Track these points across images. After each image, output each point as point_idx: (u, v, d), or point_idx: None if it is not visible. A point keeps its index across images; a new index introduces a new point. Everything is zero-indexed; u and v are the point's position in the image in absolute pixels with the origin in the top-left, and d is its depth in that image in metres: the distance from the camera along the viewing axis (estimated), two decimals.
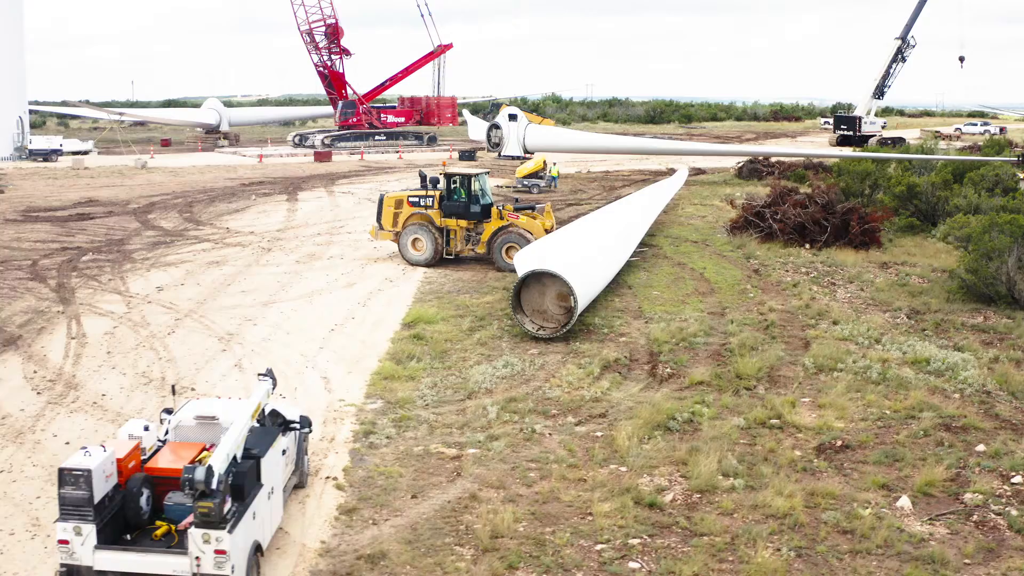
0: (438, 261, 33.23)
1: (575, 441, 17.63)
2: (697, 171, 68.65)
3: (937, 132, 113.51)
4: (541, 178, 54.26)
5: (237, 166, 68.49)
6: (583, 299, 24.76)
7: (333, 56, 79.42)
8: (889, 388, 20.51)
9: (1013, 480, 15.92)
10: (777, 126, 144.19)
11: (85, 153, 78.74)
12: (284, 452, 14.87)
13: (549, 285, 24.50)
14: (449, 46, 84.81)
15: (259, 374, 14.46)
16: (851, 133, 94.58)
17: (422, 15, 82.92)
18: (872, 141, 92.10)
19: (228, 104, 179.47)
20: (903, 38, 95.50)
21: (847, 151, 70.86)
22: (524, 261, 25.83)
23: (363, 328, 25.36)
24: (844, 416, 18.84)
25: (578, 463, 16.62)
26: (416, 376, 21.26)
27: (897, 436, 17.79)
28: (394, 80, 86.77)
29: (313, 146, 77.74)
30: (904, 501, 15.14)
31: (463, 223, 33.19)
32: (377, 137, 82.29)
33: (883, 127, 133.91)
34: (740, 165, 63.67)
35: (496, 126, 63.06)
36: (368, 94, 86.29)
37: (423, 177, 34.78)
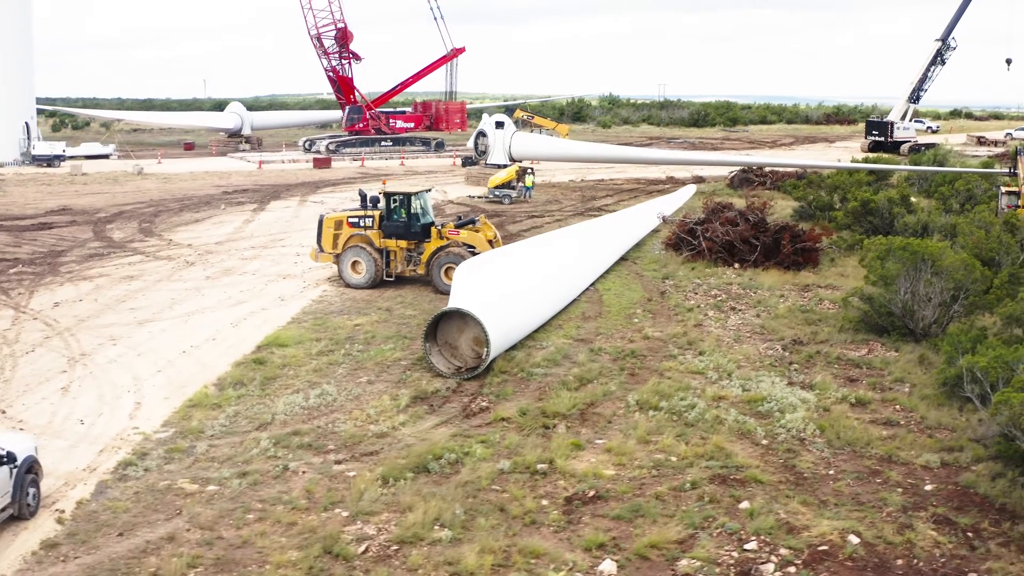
0: (379, 283, 32.24)
1: (323, 481, 17.16)
2: (698, 179, 67.20)
3: (980, 138, 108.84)
4: (513, 188, 53.53)
5: (232, 172, 69.38)
6: (501, 348, 23.67)
7: (343, 61, 79.88)
8: (697, 431, 19.52)
9: (746, 547, 14.89)
10: (827, 129, 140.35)
11: (106, 157, 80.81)
12: None
13: (471, 324, 23.16)
14: (462, 50, 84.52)
15: None
16: (883, 139, 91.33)
17: (435, 18, 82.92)
18: (904, 148, 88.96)
19: (284, 106, 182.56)
20: (943, 40, 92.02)
21: (846, 162, 68.24)
22: (462, 281, 24.88)
23: (216, 351, 25.20)
24: (623, 462, 17.96)
25: (305, 506, 16.16)
26: (223, 404, 21.02)
27: (660, 488, 16.86)
28: (405, 84, 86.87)
29: (319, 152, 78.39)
30: (608, 565, 14.28)
31: (403, 244, 32.33)
32: (384, 143, 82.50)
33: (935, 130, 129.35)
34: (732, 175, 62.02)
35: (482, 133, 62.66)
36: (378, 99, 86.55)
37: (363, 197, 33.91)
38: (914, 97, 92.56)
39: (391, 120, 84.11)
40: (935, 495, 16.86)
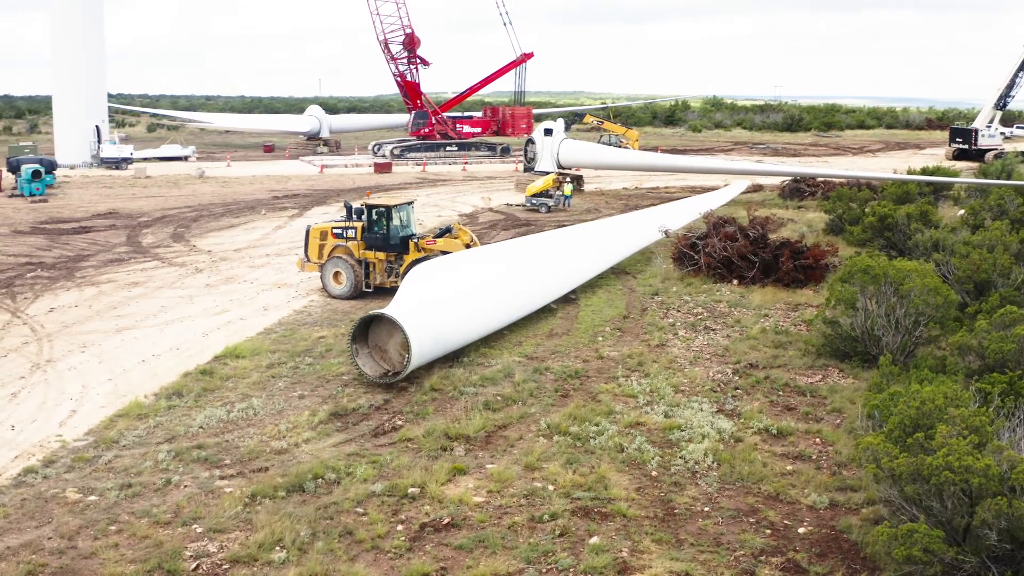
0: (359, 295, 32.90)
1: (198, 496, 17.62)
2: (757, 187, 65.56)
3: None
4: (551, 196, 53.34)
5: (292, 177, 71.21)
6: (429, 356, 23.81)
7: (410, 66, 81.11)
8: (593, 458, 19.23)
9: None
10: (924, 135, 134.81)
11: (184, 159, 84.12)
12: None
13: (400, 329, 23.31)
14: (530, 55, 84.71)
15: None
16: (967, 147, 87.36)
17: (504, 24, 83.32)
18: (989, 156, 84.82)
19: (387, 108, 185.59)
20: None
21: (887, 173, 65.30)
22: (408, 284, 25.29)
23: (174, 360, 26.02)
24: (499, 489, 17.85)
25: (167, 520, 16.64)
26: (150, 415, 21.75)
27: (517, 518, 16.69)
28: (473, 90, 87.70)
29: (383, 156, 79.87)
30: None
31: (382, 255, 32.97)
32: (449, 148, 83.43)
33: None
34: (784, 184, 60.33)
35: (531, 141, 62.70)
36: (446, 104, 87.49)
37: (348, 208, 34.77)
38: (1001, 104, 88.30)
39: (458, 125, 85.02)
40: (804, 539, 16.21)
